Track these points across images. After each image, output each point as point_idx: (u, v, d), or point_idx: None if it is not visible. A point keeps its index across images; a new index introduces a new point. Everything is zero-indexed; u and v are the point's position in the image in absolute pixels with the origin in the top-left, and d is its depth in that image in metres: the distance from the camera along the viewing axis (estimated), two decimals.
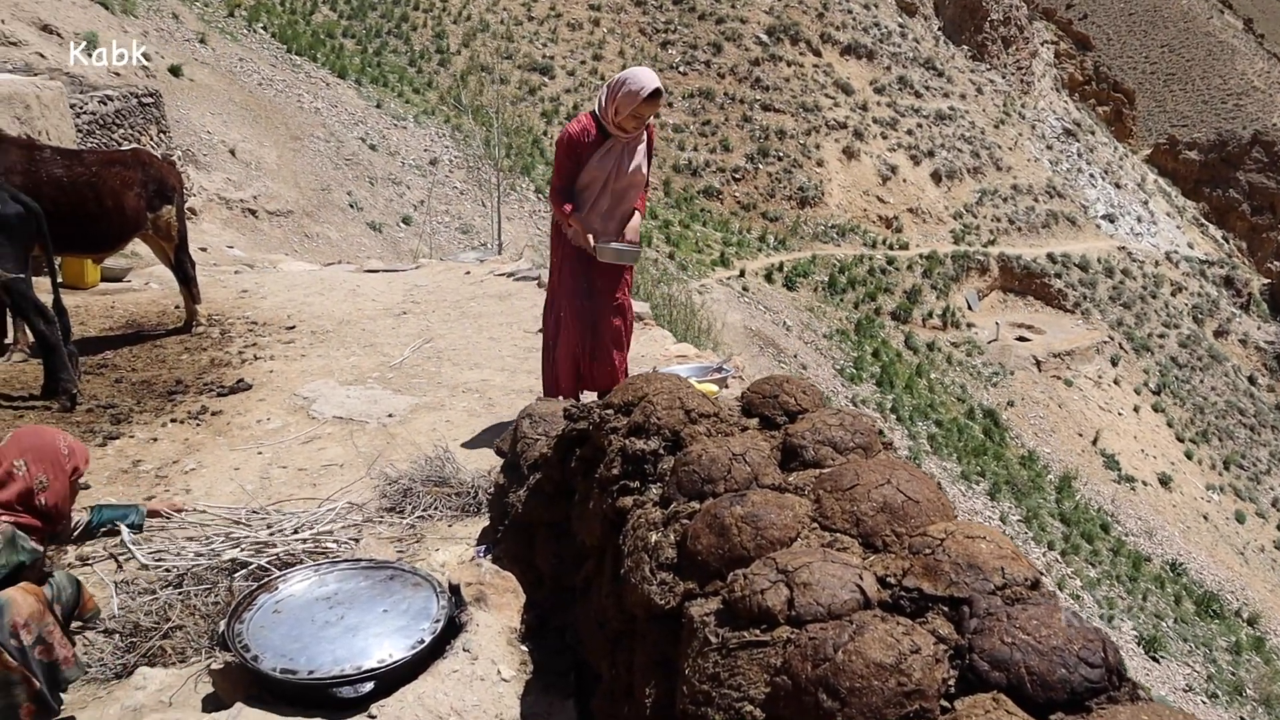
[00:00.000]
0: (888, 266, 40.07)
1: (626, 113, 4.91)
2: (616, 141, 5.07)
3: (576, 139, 5.11)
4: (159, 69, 21.35)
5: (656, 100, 4.92)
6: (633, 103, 4.88)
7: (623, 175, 5.14)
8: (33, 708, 2.75)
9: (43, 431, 2.99)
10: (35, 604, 2.80)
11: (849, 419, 2.37)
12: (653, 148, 5.34)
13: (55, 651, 2.85)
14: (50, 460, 2.87)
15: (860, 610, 1.75)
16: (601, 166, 5.09)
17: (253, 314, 8.62)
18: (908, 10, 57.31)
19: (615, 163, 5.10)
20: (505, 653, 2.71)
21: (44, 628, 2.82)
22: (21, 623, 2.74)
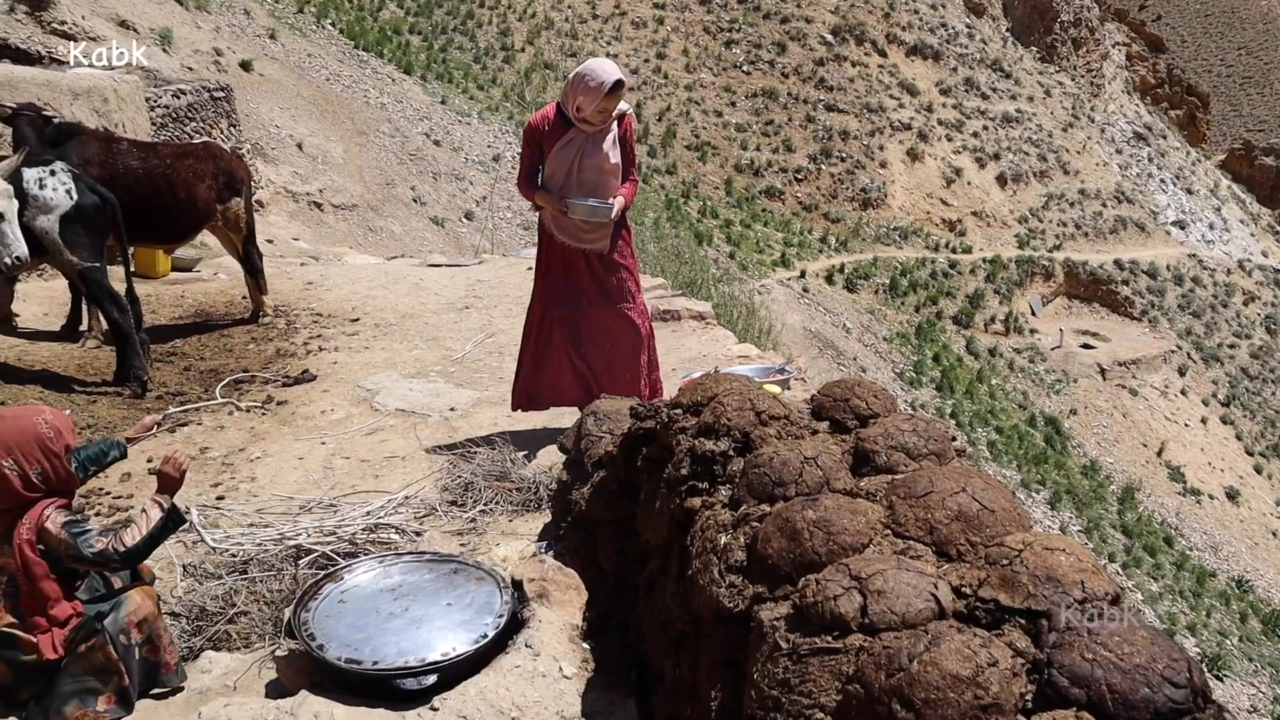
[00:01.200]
0: (950, 270, 39.56)
1: (590, 109, 4.81)
2: (578, 133, 4.95)
3: (536, 127, 5.04)
4: (230, 64, 21.76)
5: (618, 92, 4.80)
6: (595, 98, 4.77)
7: (588, 166, 5.00)
8: (113, 699, 2.85)
9: (20, 418, 2.92)
10: (151, 606, 2.90)
11: (922, 424, 2.33)
12: (629, 137, 5.15)
13: (160, 654, 2.94)
14: (40, 449, 2.84)
15: (935, 620, 1.72)
16: (563, 157, 4.97)
17: (318, 306, 8.73)
18: (975, 11, 56.51)
19: (578, 153, 4.98)
20: (567, 650, 2.71)
21: (155, 630, 2.92)
22: (136, 621, 2.83)
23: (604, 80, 4.74)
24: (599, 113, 4.84)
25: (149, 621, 2.93)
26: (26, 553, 2.81)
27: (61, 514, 2.85)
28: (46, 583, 2.81)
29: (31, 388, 6.20)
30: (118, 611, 2.88)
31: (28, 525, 2.82)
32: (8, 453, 2.82)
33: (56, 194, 6.23)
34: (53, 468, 2.86)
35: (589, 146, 4.96)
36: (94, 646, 2.84)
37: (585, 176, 5.00)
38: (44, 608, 2.82)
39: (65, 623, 2.84)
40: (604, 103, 4.80)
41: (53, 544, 2.81)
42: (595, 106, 4.81)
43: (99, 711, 2.84)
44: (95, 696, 2.85)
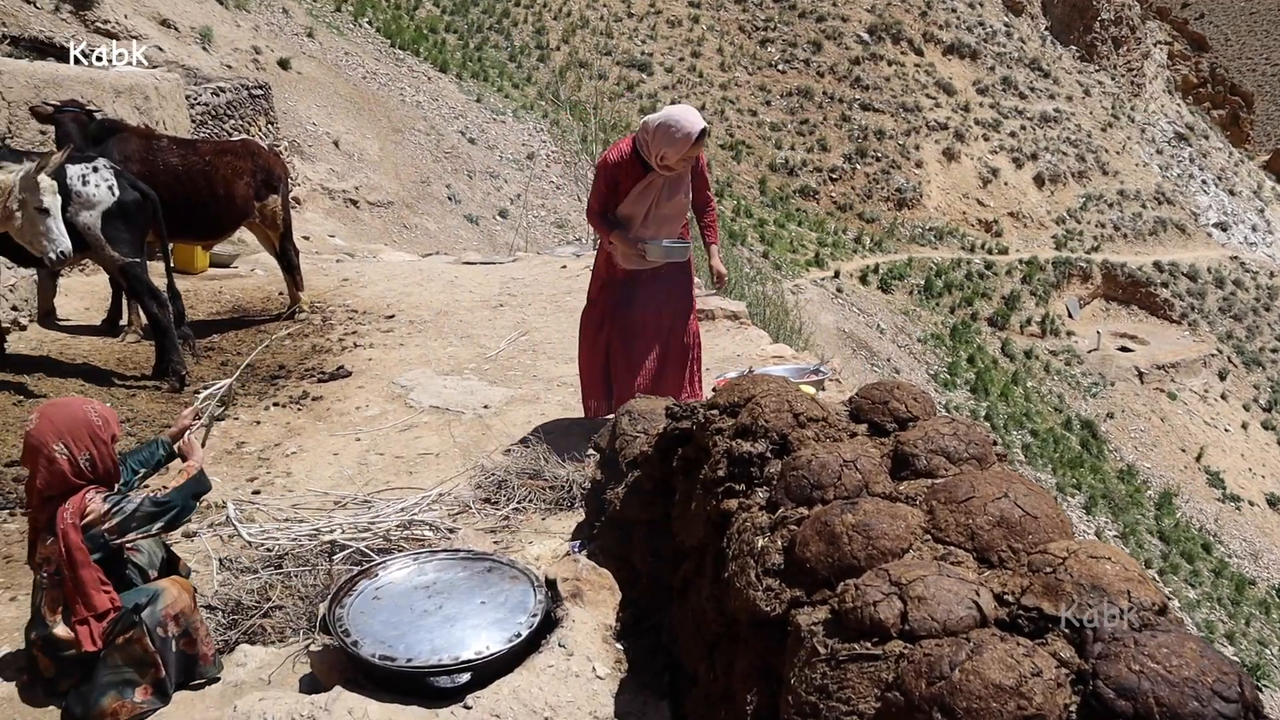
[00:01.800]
0: (986, 271, 39.21)
1: (675, 158, 4.81)
2: (657, 176, 4.94)
3: (614, 165, 5.00)
4: (268, 62, 21.94)
5: (704, 140, 4.82)
6: (682, 148, 4.77)
7: (664, 208, 5.03)
8: (150, 690, 2.89)
9: (70, 405, 3.00)
10: (188, 600, 2.93)
11: (962, 428, 2.30)
12: (703, 171, 5.22)
13: (198, 646, 2.98)
14: (90, 435, 2.91)
15: (977, 628, 1.69)
16: (641, 200, 4.97)
17: (353, 302, 8.79)
18: (1014, 9, 55.95)
19: (656, 195, 4.98)
20: (600, 650, 2.70)
21: (191, 623, 2.96)
22: (173, 614, 2.87)
23: (690, 131, 4.73)
24: (682, 161, 4.86)
25: (185, 614, 2.97)
26: (71, 537, 2.85)
27: (101, 495, 2.91)
28: (88, 570, 2.85)
29: (73, 381, 6.28)
30: (155, 604, 2.91)
31: (71, 510, 2.87)
32: (59, 438, 2.88)
33: (99, 190, 6.30)
34: (99, 455, 2.91)
35: (666, 190, 4.98)
36: (132, 639, 2.87)
37: (661, 213, 5.03)
38: (85, 597, 2.85)
39: (104, 615, 2.87)
40: (690, 151, 4.81)
41: (95, 524, 2.85)
42: (680, 156, 4.82)
43: (136, 703, 2.87)
44: (132, 688, 2.88)
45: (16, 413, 5.60)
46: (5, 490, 4.66)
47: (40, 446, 2.89)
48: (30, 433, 2.92)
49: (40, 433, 2.90)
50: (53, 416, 2.94)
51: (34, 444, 2.90)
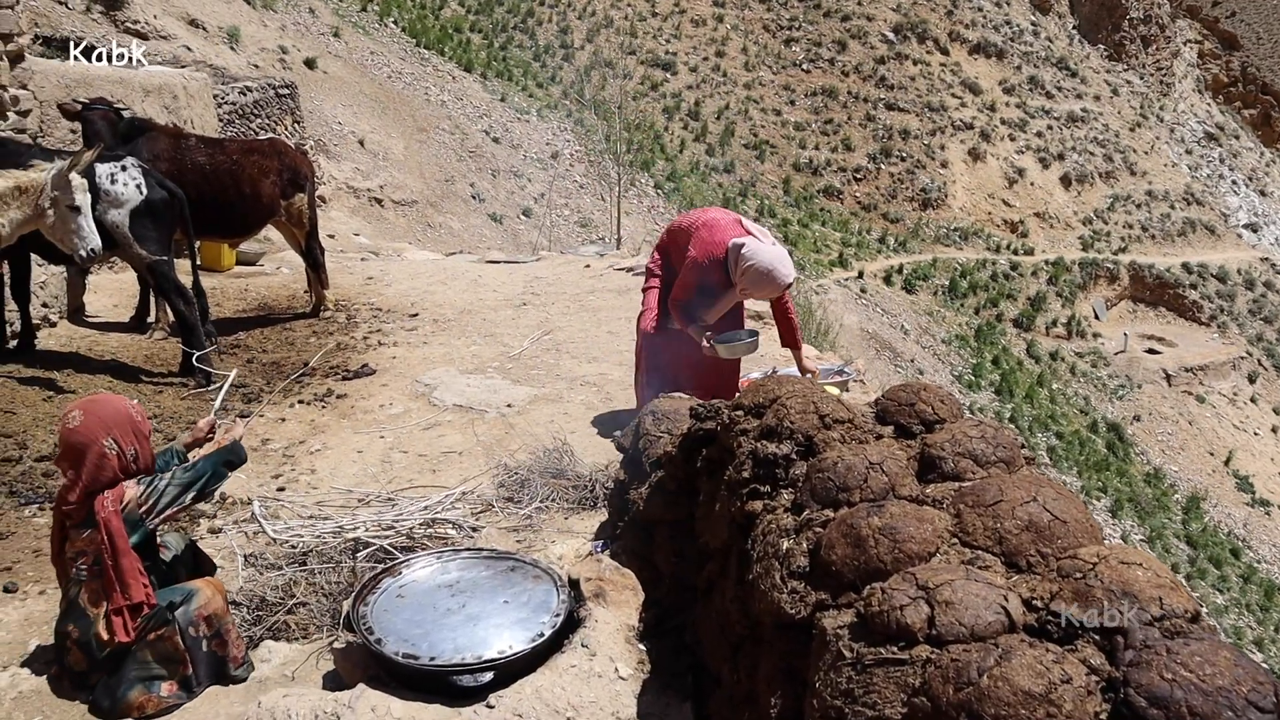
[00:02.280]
0: (1011, 272, 38.95)
1: (759, 296, 5.11)
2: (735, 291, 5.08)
3: (706, 270, 5.05)
4: (295, 62, 22.07)
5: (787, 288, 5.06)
6: (771, 294, 5.06)
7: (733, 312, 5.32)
8: (175, 686, 2.93)
9: (112, 402, 3.05)
10: (221, 602, 2.97)
11: (990, 431, 2.27)
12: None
13: (229, 649, 3.01)
14: (133, 430, 2.97)
15: (1005, 634, 1.67)
16: (719, 308, 5.14)
17: (378, 300, 8.82)
18: (1041, 8, 55.55)
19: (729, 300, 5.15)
20: (623, 650, 2.69)
21: (223, 625, 2.99)
22: (206, 615, 2.90)
23: (785, 280, 4.92)
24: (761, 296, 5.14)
25: (218, 616, 3.00)
26: (114, 523, 2.89)
27: (134, 480, 2.97)
28: (128, 558, 2.89)
29: (101, 377, 6.34)
30: (189, 604, 2.94)
31: (111, 499, 2.90)
32: (107, 432, 2.93)
33: (127, 189, 6.35)
34: (142, 449, 2.96)
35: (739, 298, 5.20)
36: (163, 635, 2.90)
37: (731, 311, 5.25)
38: (124, 585, 2.88)
39: (139, 607, 2.89)
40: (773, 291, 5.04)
41: (133, 508, 2.89)
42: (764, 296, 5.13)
43: (162, 697, 2.90)
44: (160, 683, 2.91)
45: (46, 408, 5.65)
46: (35, 485, 4.71)
47: (90, 443, 2.92)
48: (75, 430, 2.93)
49: (89, 429, 2.93)
50: (99, 413, 2.97)
51: (82, 441, 2.92)
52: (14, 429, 5.32)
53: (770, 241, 4.99)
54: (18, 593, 3.75)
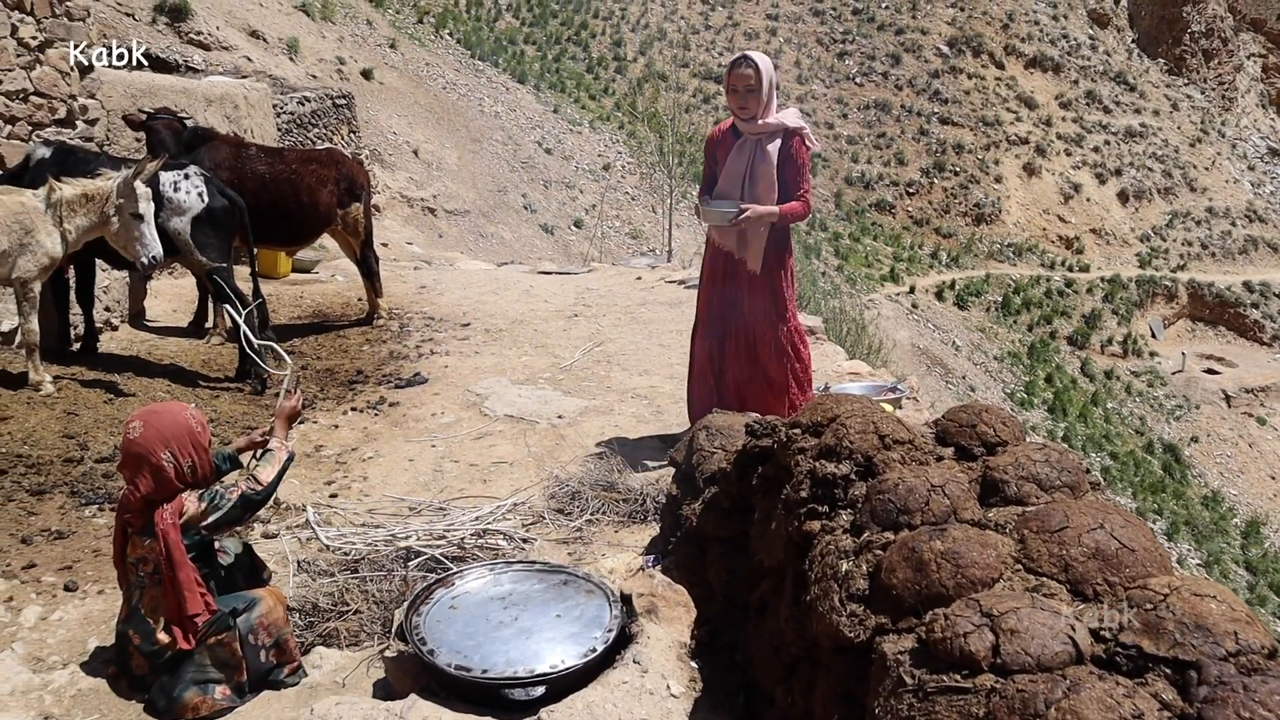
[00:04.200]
0: (1066, 289, 38.43)
1: (728, 90, 4.91)
2: (746, 139, 4.94)
3: (711, 139, 5.14)
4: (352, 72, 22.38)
5: (740, 69, 4.81)
6: (726, 81, 4.90)
7: (760, 176, 4.93)
8: (228, 690, 2.97)
9: (172, 412, 3.06)
10: (282, 612, 3.01)
11: (1054, 455, 2.23)
12: (798, 156, 4.98)
13: (285, 656, 3.04)
14: (192, 442, 2.99)
15: (1073, 665, 1.63)
16: (736, 167, 4.96)
17: (430, 309, 8.89)
18: (1099, 21, 54.83)
19: (749, 163, 4.94)
20: (675, 667, 2.67)
21: (283, 634, 3.03)
22: (266, 624, 2.93)
23: (730, 60, 4.88)
24: (731, 94, 4.90)
25: (278, 626, 3.05)
26: (171, 536, 2.91)
27: (195, 495, 3.00)
28: (185, 571, 2.92)
29: (160, 381, 6.44)
30: (250, 612, 2.98)
31: (170, 511, 2.93)
32: (165, 445, 2.95)
33: (189, 197, 6.47)
34: (200, 462, 2.99)
35: (758, 154, 4.93)
36: (223, 640, 2.94)
37: (757, 190, 4.95)
38: (182, 598, 2.92)
39: (197, 615, 2.93)
40: (730, 80, 4.87)
41: (192, 523, 2.94)
42: (728, 87, 4.90)
43: (216, 699, 2.94)
44: (215, 686, 2.95)
45: (107, 410, 5.76)
46: (96, 486, 4.79)
47: (148, 454, 2.94)
48: (136, 440, 2.95)
49: (147, 441, 2.95)
50: (158, 425, 2.99)
51: (140, 451, 2.94)
52: (76, 430, 5.42)
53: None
54: (78, 591, 3.81)
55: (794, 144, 4.94)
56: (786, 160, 4.94)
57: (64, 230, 5.62)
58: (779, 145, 4.92)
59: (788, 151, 4.94)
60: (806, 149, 4.99)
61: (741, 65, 4.83)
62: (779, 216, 4.95)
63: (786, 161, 4.94)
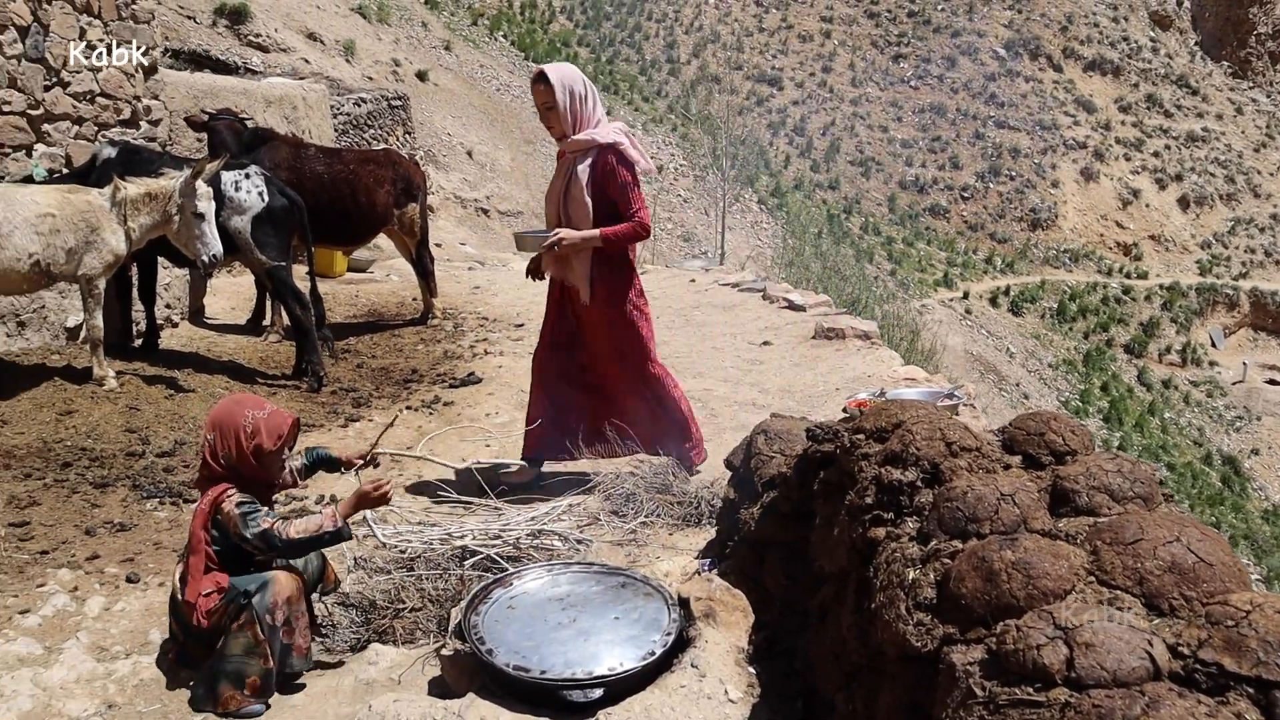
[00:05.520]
0: (1123, 296, 37.81)
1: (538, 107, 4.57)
2: (565, 157, 4.62)
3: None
4: (407, 74, 22.60)
5: (539, 86, 4.47)
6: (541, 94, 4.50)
7: (569, 199, 4.57)
8: (258, 683, 2.99)
9: (236, 405, 3.15)
10: (295, 589, 3.02)
11: (1127, 465, 2.18)
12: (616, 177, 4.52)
13: (294, 636, 3.05)
14: (234, 437, 3.06)
15: (1151, 681, 1.58)
16: (554, 184, 4.68)
17: (484, 310, 8.94)
18: (1161, 24, 53.87)
19: (564, 181, 4.59)
20: (733, 673, 2.65)
21: (294, 612, 3.05)
22: (279, 602, 2.94)
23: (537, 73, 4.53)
24: (542, 112, 4.55)
25: (291, 603, 3.05)
26: (195, 522, 3.04)
27: (239, 495, 3.05)
28: (197, 557, 3.02)
29: (219, 377, 6.54)
30: (264, 592, 2.99)
31: (208, 499, 3.04)
32: (213, 428, 3.10)
33: (250, 196, 6.56)
34: (239, 458, 3.03)
35: (572, 173, 4.57)
36: (244, 624, 2.96)
37: (570, 212, 4.61)
38: (191, 580, 3.03)
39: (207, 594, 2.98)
40: (533, 99, 4.55)
41: (224, 520, 3.00)
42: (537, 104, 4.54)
43: (244, 696, 2.96)
44: (244, 679, 2.97)
45: (168, 405, 5.85)
46: (157, 480, 4.87)
47: (205, 428, 3.14)
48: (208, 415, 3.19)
49: (210, 416, 3.16)
50: (220, 408, 3.17)
51: (205, 424, 3.17)
52: (138, 424, 5.52)
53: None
54: (139, 583, 3.88)
55: (608, 161, 4.51)
56: (605, 179, 4.52)
57: (128, 228, 5.73)
58: (590, 163, 4.53)
59: (602, 170, 4.52)
60: (625, 165, 4.52)
61: (536, 82, 4.50)
62: (600, 240, 4.54)
63: (606, 181, 4.52)
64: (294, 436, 3.29)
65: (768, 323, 8.21)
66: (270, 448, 3.09)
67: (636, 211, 4.54)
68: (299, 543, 3.03)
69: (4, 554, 4.01)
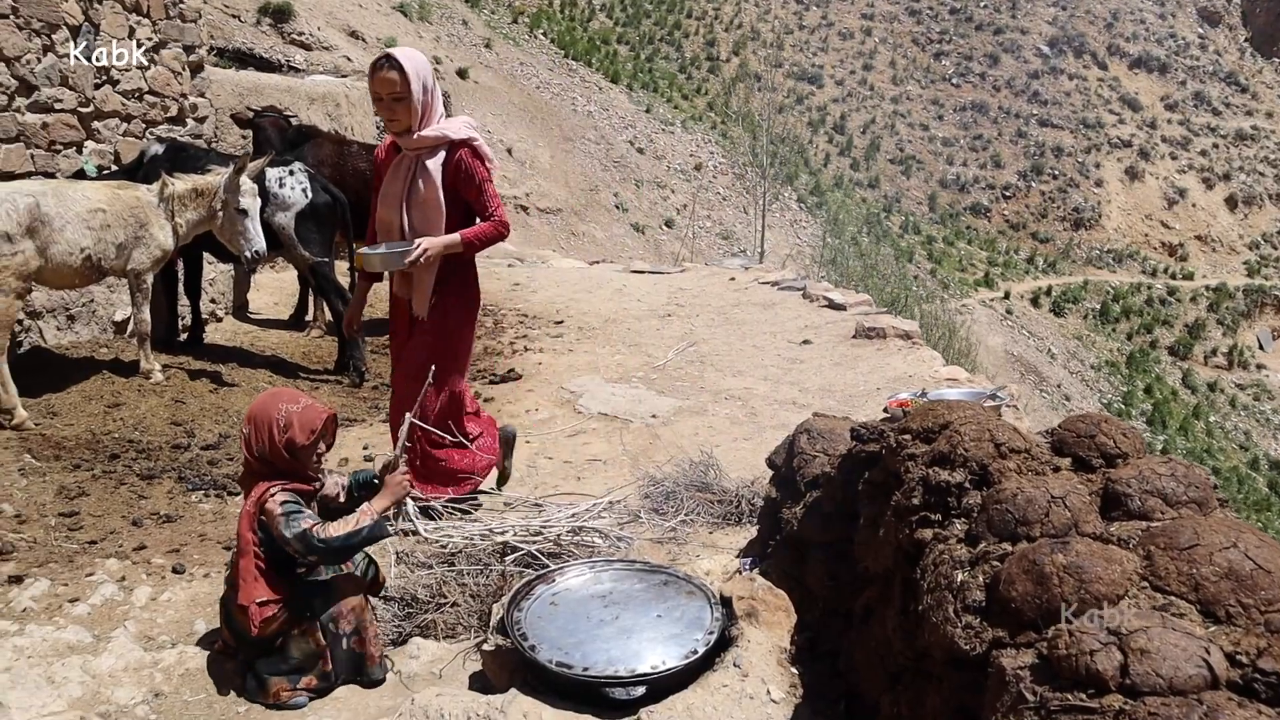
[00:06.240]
0: (1168, 297, 37.26)
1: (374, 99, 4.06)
2: (404, 155, 4.12)
3: (377, 155, 4.33)
4: (448, 71, 22.73)
5: (376, 74, 3.96)
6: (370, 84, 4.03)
7: (417, 203, 4.11)
8: (314, 683, 3.04)
9: (273, 399, 3.14)
10: (360, 599, 3.02)
11: (1180, 469, 2.14)
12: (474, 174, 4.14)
13: (367, 646, 3.08)
14: (268, 430, 3.05)
15: (1208, 689, 1.55)
16: (392, 191, 4.14)
17: (524, 307, 8.97)
18: (1210, 19, 52.99)
19: (406, 182, 4.11)
20: (775, 672, 2.64)
21: (362, 622, 3.06)
22: (345, 611, 2.96)
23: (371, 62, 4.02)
24: (377, 103, 4.05)
25: (357, 613, 3.07)
26: (242, 524, 3.05)
27: (284, 494, 3.03)
28: (247, 559, 3.01)
29: (262, 372, 6.61)
30: (329, 600, 3.02)
31: (252, 499, 3.04)
32: (250, 420, 3.11)
33: (294, 192, 6.62)
34: (272, 451, 3.04)
35: (419, 172, 4.10)
36: (305, 631, 2.99)
37: (418, 216, 4.15)
38: (243, 584, 3.01)
39: (263, 604, 2.98)
40: (372, 86, 4.01)
41: (268, 521, 2.98)
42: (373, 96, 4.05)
43: (299, 689, 2.99)
44: (300, 676, 3.01)
45: (213, 399, 5.93)
46: (201, 472, 4.93)
47: (244, 420, 3.15)
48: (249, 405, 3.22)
49: (250, 408, 3.17)
50: (257, 401, 3.18)
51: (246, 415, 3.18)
52: (183, 418, 5.60)
53: None
54: (184, 574, 3.93)
55: (462, 157, 4.11)
56: (460, 178, 4.12)
57: (175, 224, 5.81)
58: (443, 160, 4.09)
59: (457, 167, 4.11)
60: (481, 161, 4.17)
61: (383, 68, 3.95)
62: (462, 245, 4.13)
63: (460, 179, 4.12)
64: (331, 432, 3.23)
65: (808, 322, 8.17)
66: (302, 442, 3.06)
67: (495, 211, 4.17)
68: (338, 544, 2.95)
69: (55, 543, 4.08)
